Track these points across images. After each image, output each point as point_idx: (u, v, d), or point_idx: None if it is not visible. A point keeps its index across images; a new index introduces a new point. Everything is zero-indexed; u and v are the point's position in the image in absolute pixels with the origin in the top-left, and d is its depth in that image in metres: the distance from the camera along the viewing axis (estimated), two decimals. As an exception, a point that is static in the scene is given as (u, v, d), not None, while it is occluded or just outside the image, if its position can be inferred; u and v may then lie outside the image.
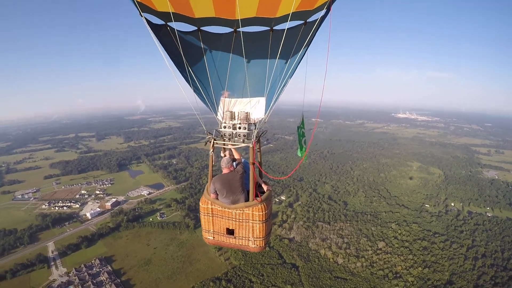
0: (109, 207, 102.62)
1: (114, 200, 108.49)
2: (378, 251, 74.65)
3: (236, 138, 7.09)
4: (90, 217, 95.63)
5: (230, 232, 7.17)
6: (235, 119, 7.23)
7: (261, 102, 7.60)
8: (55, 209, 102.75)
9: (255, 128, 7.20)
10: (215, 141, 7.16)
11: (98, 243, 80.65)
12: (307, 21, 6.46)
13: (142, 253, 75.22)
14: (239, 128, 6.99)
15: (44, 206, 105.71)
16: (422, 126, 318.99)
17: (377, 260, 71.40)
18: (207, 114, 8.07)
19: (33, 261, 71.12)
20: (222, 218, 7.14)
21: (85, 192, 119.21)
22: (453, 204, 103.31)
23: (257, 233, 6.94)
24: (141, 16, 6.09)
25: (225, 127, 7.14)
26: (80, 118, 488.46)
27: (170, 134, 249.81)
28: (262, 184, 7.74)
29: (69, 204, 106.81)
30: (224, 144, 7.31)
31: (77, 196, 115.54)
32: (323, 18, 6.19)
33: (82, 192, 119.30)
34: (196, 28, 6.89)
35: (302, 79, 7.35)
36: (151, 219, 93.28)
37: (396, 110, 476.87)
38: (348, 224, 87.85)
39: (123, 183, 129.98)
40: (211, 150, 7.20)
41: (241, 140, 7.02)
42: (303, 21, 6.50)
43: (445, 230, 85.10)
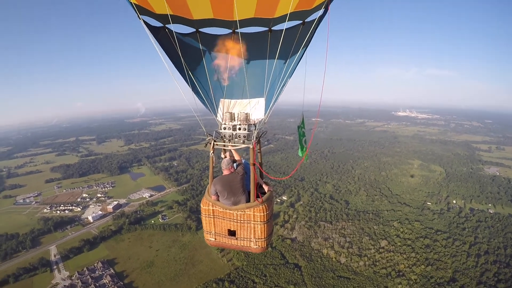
0: (111, 210, 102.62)
1: (115, 203, 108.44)
2: (380, 250, 74.51)
3: (236, 139, 7.07)
4: (92, 220, 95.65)
5: (232, 233, 7.15)
6: (235, 120, 7.20)
7: (260, 103, 7.59)
8: (56, 212, 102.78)
9: (255, 128, 7.19)
10: (215, 143, 7.14)
11: (100, 246, 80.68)
12: (305, 21, 6.46)
13: (145, 255, 75.17)
14: (239, 129, 6.96)
15: (45, 210, 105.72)
16: (422, 124, 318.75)
17: (380, 258, 71.23)
18: (207, 116, 8.07)
19: (35, 265, 71.10)
20: (224, 220, 7.12)
21: (87, 195, 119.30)
22: (454, 202, 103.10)
23: (259, 234, 6.93)
24: (139, 18, 6.09)
25: (225, 128, 7.11)
26: (80, 121, 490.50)
27: (170, 136, 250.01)
28: (263, 185, 7.73)
29: (70, 207, 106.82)
30: (224, 146, 7.28)
31: (79, 199, 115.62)
32: (321, 17, 6.20)
33: (84, 195, 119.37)
34: (194, 29, 6.89)
35: (302, 79, 7.38)
36: (153, 221, 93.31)
37: (396, 109, 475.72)
38: (350, 223, 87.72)
39: (124, 185, 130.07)
40: (212, 151, 7.17)
41: (241, 141, 6.99)
42: (301, 21, 6.49)
43: (447, 228, 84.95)
